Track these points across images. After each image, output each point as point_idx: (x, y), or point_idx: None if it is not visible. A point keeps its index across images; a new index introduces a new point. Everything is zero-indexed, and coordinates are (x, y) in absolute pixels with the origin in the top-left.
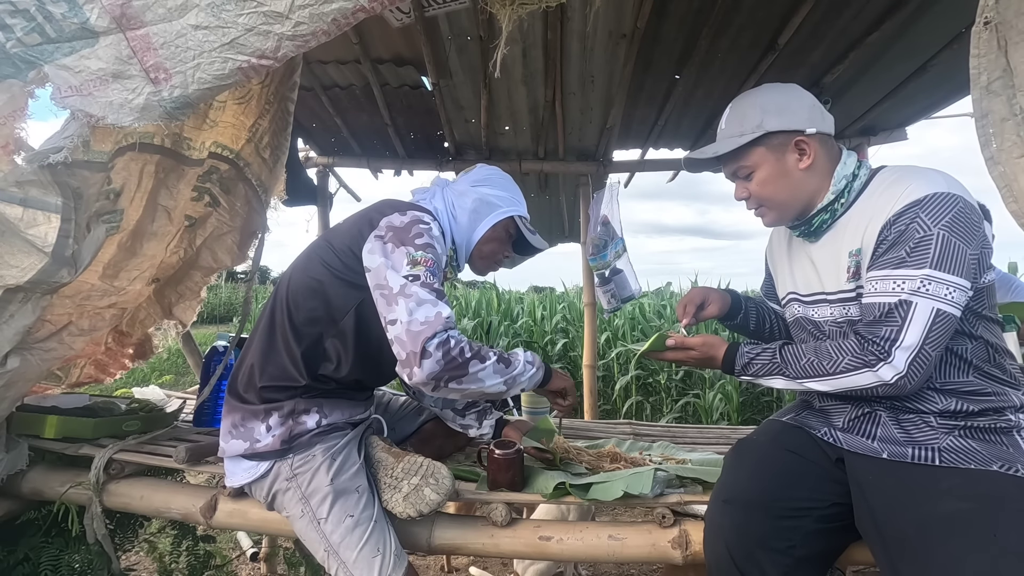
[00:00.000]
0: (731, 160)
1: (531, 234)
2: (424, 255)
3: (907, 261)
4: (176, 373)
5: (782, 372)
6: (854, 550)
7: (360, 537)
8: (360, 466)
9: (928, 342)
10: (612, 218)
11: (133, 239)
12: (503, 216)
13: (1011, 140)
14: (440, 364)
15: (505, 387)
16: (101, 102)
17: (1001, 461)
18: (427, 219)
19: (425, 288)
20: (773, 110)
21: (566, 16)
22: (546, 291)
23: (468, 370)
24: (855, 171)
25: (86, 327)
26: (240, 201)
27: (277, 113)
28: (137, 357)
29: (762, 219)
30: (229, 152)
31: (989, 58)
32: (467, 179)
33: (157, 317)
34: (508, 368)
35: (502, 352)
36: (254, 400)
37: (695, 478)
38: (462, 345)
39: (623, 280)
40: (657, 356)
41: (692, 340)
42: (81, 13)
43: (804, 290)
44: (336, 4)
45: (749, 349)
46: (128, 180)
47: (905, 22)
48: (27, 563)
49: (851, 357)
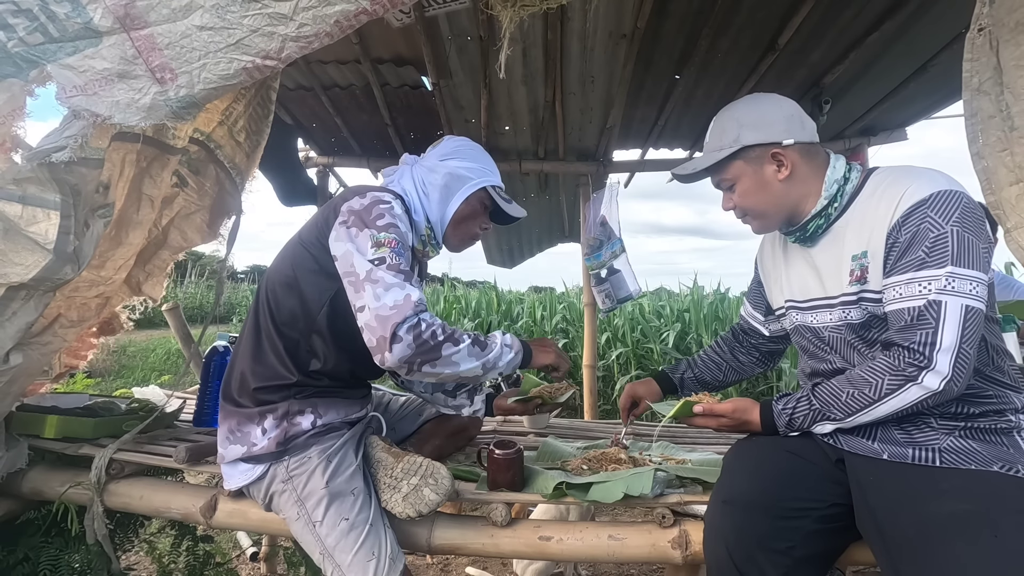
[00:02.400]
0: (714, 173)
1: (507, 203)
2: (387, 235)
3: (928, 262)
4: (176, 373)
5: (827, 416)
6: (854, 550)
7: (355, 540)
8: (356, 467)
9: (965, 340)
10: (610, 218)
11: (118, 229)
12: (476, 188)
13: (995, 135)
14: (411, 348)
15: (482, 370)
16: (107, 102)
17: (1001, 462)
18: (387, 198)
19: (391, 271)
20: (749, 124)
21: (566, 16)
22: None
23: (441, 353)
24: (846, 174)
25: (75, 318)
26: (210, 182)
27: (255, 99)
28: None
29: (750, 227)
30: (200, 135)
31: (981, 61)
32: (435, 153)
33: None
34: (484, 351)
35: (478, 335)
36: (248, 403)
37: (695, 478)
38: (434, 328)
39: (620, 280)
40: (687, 422)
41: (721, 407)
42: (84, 13)
43: (801, 296)
44: (339, 6)
45: (784, 404)
46: (112, 171)
47: (905, 22)
48: (27, 563)
49: (891, 377)
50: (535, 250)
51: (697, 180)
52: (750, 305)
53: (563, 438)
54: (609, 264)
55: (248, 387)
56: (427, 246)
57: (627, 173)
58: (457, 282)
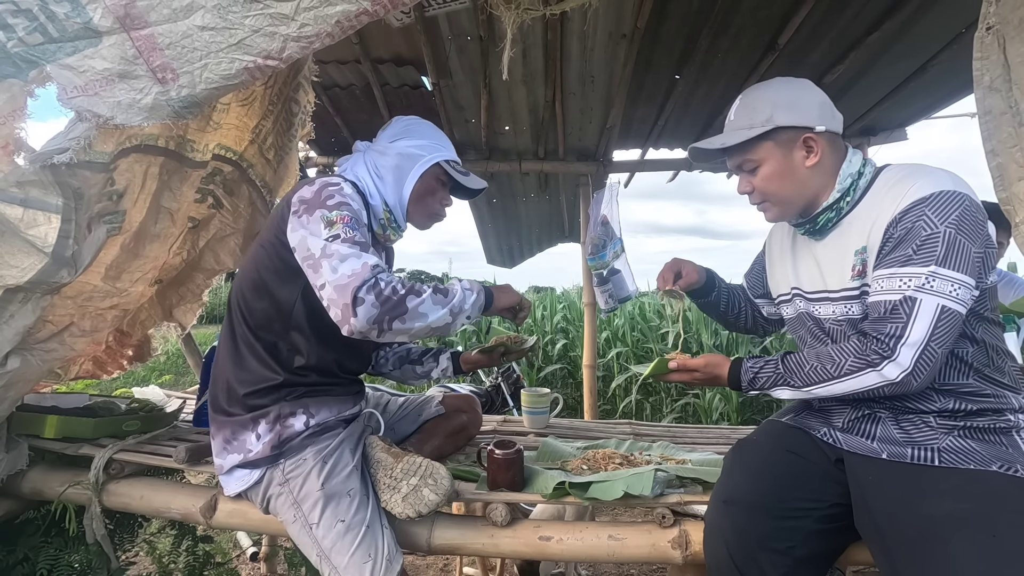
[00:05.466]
0: (737, 153)
1: (463, 175)
2: (339, 212)
3: (913, 259)
4: (176, 373)
5: (787, 382)
6: (854, 550)
7: (351, 542)
8: (353, 468)
9: (934, 339)
10: (611, 218)
11: (136, 241)
12: (429, 164)
13: (1007, 131)
14: (376, 307)
15: (451, 317)
16: (109, 102)
17: (1000, 461)
18: (335, 181)
19: (346, 243)
20: (784, 105)
21: (566, 16)
22: (546, 291)
23: (407, 306)
24: (860, 169)
25: (87, 328)
26: (243, 203)
27: (281, 114)
28: (135, 359)
29: (765, 214)
30: (232, 154)
31: (991, 59)
32: (385, 136)
33: (157, 318)
34: (447, 298)
35: (437, 284)
36: (240, 411)
37: (695, 478)
38: (393, 284)
39: (620, 280)
40: (662, 378)
41: (694, 361)
42: (84, 13)
43: (809, 287)
44: (340, 6)
45: (752, 363)
46: (132, 182)
47: (905, 22)
48: (26, 563)
49: (854, 359)
50: (535, 250)
51: (711, 163)
52: (745, 285)
53: (563, 438)
54: (611, 264)
55: (236, 394)
56: (387, 230)
57: (627, 173)
58: None
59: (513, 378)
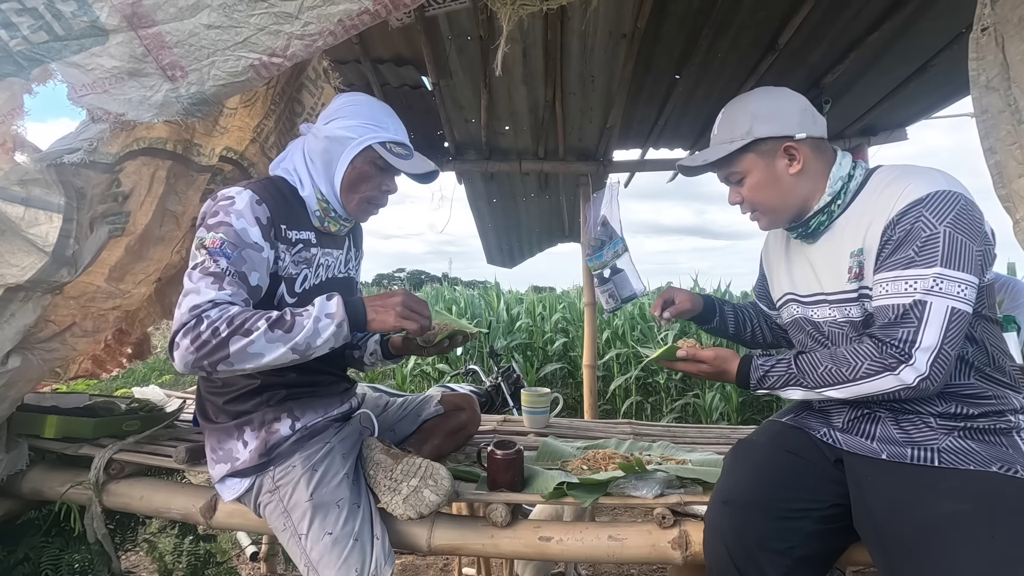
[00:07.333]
0: (723, 166)
1: (400, 159)
2: (213, 235)
3: (916, 261)
4: (176, 372)
5: (799, 383)
6: (854, 550)
7: (339, 555)
8: (343, 476)
9: (947, 341)
10: (611, 218)
11: (141, 243)
12: (359, 148)
13: (1005, 130)
14: (192, 352)
15: (298, 354)
16: (120, 99)
17: (1000, 462)
18: (232, 193)
19: (199, 273)
20: (763, 116)
21: (566, 16)
22: (546, 291)
23: (229, 349)
24: (850, 172)
25: (89, 328)
26: None
27: (284, 113)
28: (135, 357)
29: (757, 223)
30: (234, 153)
31: (988, 59)
32: (322, 116)
33: (157, 316)
34: (290, 333)
35: (284, 314)
36: (224, 419)
37: (695, 478)
38: (216, 325)
39: (623, 280)
40: (668, 365)
41: (704, 352)
42: (91, 11)
43: (803, 291)
44: (342, 5)
45: (763, 361)
46: (139, 184)
47: (905, 22)
48: (27, 563)
49: (871, 362)
50: (535, 250)
51: (702, 173)
52: (757, 299)
53: (563, 438)
54: (612, 264)
55: (217, 403)
56: (326, 221)
57: (627, 173)
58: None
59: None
